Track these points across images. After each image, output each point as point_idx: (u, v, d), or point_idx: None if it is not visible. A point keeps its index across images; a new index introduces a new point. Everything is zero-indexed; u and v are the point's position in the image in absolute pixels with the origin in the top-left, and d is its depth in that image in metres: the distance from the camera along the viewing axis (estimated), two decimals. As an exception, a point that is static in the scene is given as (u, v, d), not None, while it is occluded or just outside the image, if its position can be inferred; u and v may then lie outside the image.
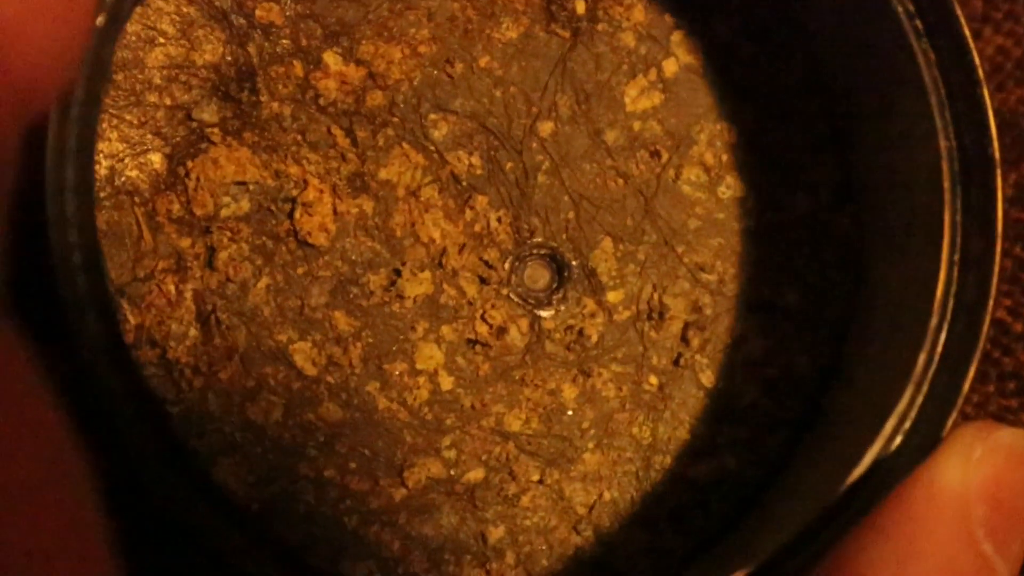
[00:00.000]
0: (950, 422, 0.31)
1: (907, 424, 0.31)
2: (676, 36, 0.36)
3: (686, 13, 0.36)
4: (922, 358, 0.31)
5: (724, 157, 0.36)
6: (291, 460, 0.34)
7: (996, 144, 0.31)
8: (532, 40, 0.36)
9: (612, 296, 0.36)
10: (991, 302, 0.31)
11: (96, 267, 0.28)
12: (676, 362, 0.36)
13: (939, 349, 0.31)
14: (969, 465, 0.28)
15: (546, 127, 0.36)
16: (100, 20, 0.28)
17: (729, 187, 0.36)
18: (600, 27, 0.36)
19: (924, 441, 0.31)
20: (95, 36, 0.28)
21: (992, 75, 0.41)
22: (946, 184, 0.32)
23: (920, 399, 0.31)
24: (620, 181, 0.36)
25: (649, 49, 0.36)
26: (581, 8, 0.36)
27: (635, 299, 0.36)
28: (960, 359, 0.31)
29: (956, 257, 0.32)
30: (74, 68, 0.27)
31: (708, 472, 0.36)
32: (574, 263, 0.36)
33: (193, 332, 0.33)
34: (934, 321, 0.31)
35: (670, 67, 0.36)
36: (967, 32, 0.32)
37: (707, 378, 0.36)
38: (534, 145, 0.36)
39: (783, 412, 0.36)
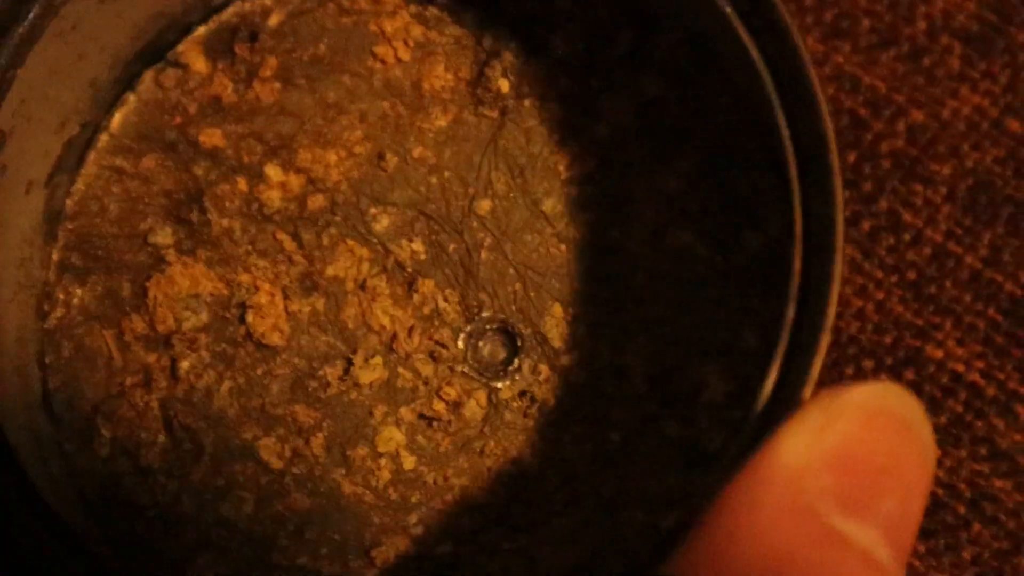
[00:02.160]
0: None
1: None
2: (604, 99, 0.37)
3: (611, 75, 0.37)
4: None
5: (667, 209, 0.37)
6: (264, 551, 0.35)
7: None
8: (462, 125, 0.37)
9: (566, 359, 0.36)
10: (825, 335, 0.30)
11: None
12: (638, 415, 0.36)
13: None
14: (810, 436, 0.26)
15: (484, 205, 0.37)
16: None
17: (675, 237, 0.37)
18: (527, 102, 0.37)
19: None
20: None
21: (968, 134, 0.41)
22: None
23: None
24: (563, 247, 0.37)
25: (578, 116, 0.37)
26: (505, 87, 0.37)
27: (590, 359, 0.36)
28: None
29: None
30: None
31: (680, 521, 0.35)
32: (526, 332, 0.37)
33: (162, 439, 0.36)
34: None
35: (600, 130, 0.37)
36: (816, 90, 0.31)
37: (672, 428, 0.36)
38: (474, 224, 0.37)
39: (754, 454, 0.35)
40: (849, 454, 0.26)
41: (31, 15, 0.33)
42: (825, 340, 0.30)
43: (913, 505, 0.27)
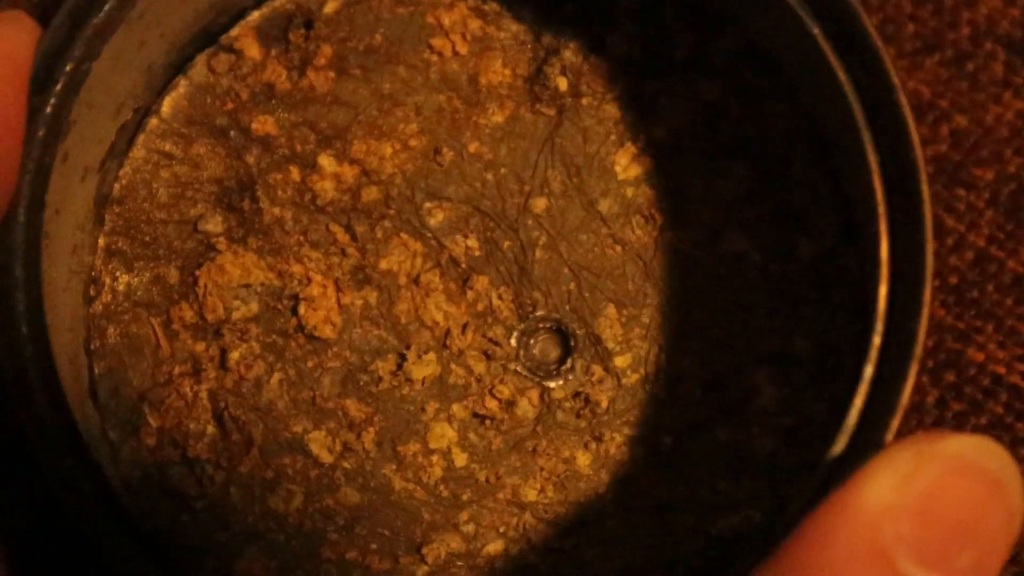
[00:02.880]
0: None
1: None
2: (662, 101, 0.37)
3: (670, 78, 0.37)
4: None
5: (721, 214, 0.37)
6: (313, 545, 0.35)
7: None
8: (519, 122, 0.37)
9: (619, 361, 0.36)
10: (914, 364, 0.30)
11: (52, 379, 0.30)
12: (689, 419, 0.36)
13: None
14: (897, 481, 0.26)
15: (539, 203, 0.37)
16: (40, 133, 0.31)
17: (729, 243, 0.37)
18: (584, 101, 0.37)
19: None
20: (37, 147, 0.31)
21: (1011, 139, 0.41)
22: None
23: None
24: (618, 248, 0.37)
25: (636, 117, 0.37)
26: (563, 85, 0.37)
27: (643, 362, 0.36)
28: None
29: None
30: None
31: (731, 527, 0.36)
32: (579, 332, 0.37)
33: (211, 429, 0.35)
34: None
35: (658, 132, 0.37)
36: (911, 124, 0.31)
37: (723, 432, 0.36)
38: (529, 222, 0.37)
39: (805, 461, 0.36)
40: (933, 503, 0.26)
41: (107, 6, 0.32)
42: (914, 368, 0.30)
43: (991, 564, 0.27)
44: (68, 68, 0.32)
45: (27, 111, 0.31)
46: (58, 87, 0.32)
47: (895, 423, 0.30)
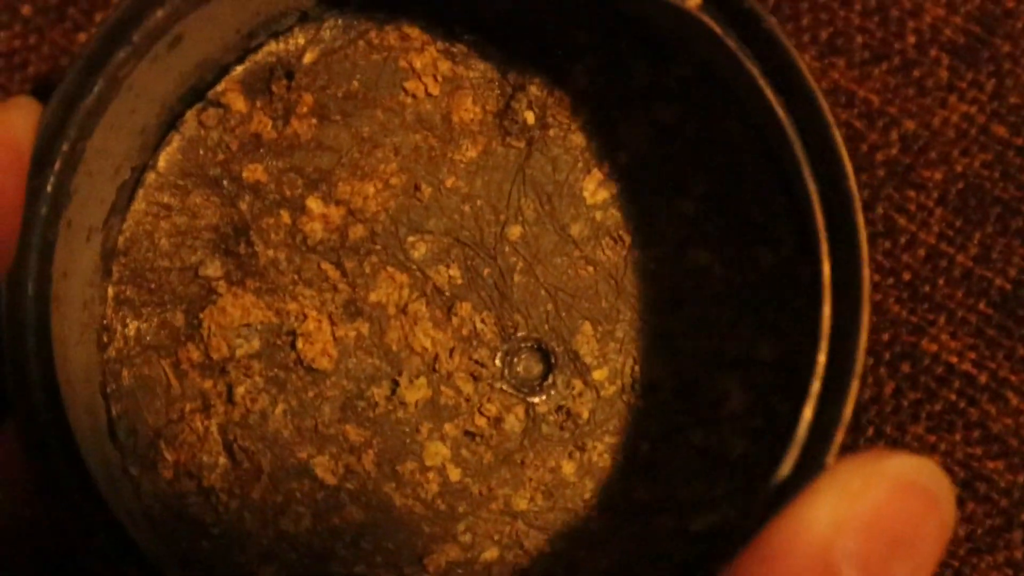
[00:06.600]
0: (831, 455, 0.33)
1: None
2: (623, 128, 0.40)
3: (629, 105, 0.40)
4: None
5: (685, 231, 0.39)
6: (324, 562, 0.38)
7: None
8: (491, 155, 0.40)
9: (597, 375, 0.39)
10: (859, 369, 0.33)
11: (70, 442, 0.33)
12: (665, 425, 0.39)
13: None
14: (845, 500, 0.28)
15: (515, 231, 0.39)
16: (43, 211, 0.34)
17: (693, 258, 0.39)
18: (551, 132, 0.40)
19: None
20: (41, 224, 0.34)
21: (957, 141, 0.43)
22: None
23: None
24: (590, 268, 0.39)
25: (600, 144, 0.40)
26: (531, 118, 0.40)
27: (619, 374, 0.39)
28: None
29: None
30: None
31: (708, 524, 0.38)
32: (559, 349, 0.39)
33: (223, 460, 0.38)
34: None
35: (621, 157, 0.40)
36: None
37: (696, 437, 0.39)
38: (506, 249, 0.39)
39: (775, 459, 0.38)
40: (877, 521, 0.28)
41: (96, 88, 0.35)
42: (855, 385, 0.33)
43: (925, 571, 0.29)
44: (64, 148, 0.34)
45: (27, 191, 0.34)
46: (56, 167, 0.34)
47: (839, 436, 0.32)
